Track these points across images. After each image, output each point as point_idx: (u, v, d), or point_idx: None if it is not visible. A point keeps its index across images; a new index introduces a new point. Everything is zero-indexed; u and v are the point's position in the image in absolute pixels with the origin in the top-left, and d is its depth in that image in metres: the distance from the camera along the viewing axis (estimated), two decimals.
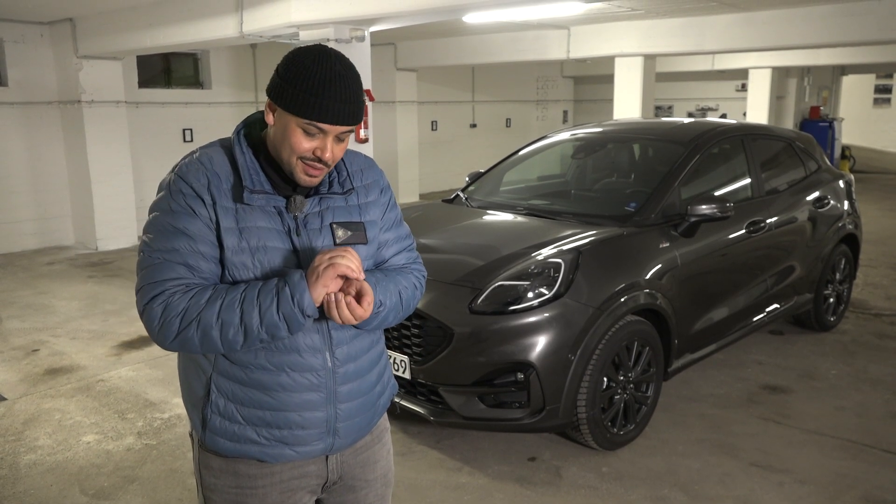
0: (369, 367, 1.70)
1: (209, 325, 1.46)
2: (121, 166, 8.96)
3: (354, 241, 1.63)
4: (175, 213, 1.52)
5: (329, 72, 1.47)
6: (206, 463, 1.66)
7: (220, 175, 1.55)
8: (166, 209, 1.53)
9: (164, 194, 1.56)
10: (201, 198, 1.52)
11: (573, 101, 17.58)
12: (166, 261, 1.50)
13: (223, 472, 1.64)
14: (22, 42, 8.55)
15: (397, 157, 12.35)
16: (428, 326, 3.38)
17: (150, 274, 1.51)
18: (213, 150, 1.60)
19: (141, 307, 1.51)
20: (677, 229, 3.90)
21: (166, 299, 1.48)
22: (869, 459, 3.53)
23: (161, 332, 1.49)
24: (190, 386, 1.65)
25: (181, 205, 1.52)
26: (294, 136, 1.50)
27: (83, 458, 3.61)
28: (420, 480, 3.35)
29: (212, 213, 1.53)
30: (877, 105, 18.44)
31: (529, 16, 8.35)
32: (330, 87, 1.47)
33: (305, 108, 1.47)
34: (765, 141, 5.01)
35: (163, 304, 1.48)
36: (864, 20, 7.77)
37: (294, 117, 1.49)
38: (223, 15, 6.59)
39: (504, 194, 4.86)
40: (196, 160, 1.57)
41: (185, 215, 1.52)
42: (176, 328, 1.48)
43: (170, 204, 1.53)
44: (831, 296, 5.34)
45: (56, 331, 5.65)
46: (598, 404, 3.41)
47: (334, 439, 1.64)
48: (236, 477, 1.63)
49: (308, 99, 1.47)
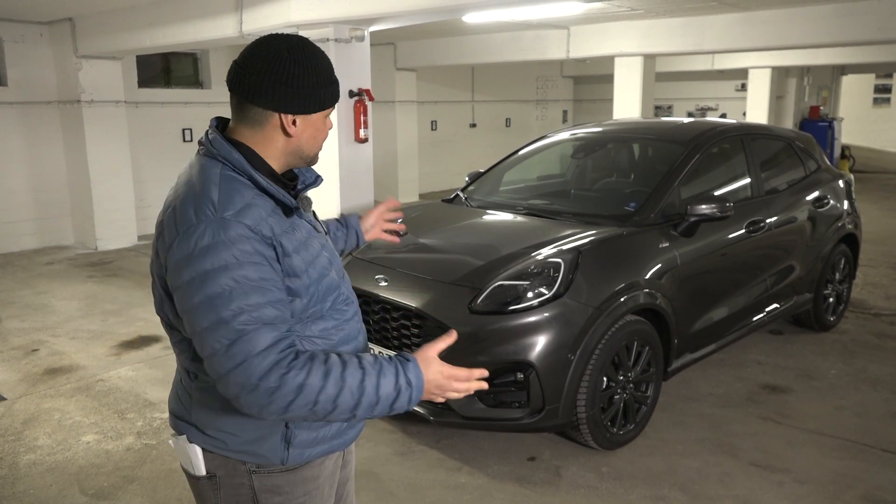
0: None
1: (321, 406, 1.38)
2: (120, 166, 8.95)
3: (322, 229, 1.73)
4: (242, 264, 1.38)
5: (315, 57, 1.53)
6: (269, 486, 1.59)
7: (260, 203, 1.46)
8: (229, 261, 1.37)
9: (220, 243, 1.37)
10: (263, 236, 1.43)
11: (573, 100, 17.57)
12: (262, 323, 1.37)
13: (291, 485, 1.60)
14: (21, 42, 8.54)
15: (397, 156, 12.35)
16: (427, 326, 3.38)
17: (248, 341, 1.35)
18: (234, 180, 1.47)
19: (255, 380, 1.34)
20: (677, 229, 3.90)
21: (283, 373, 1.35)
22: (868, 459, 3.53)
23: (270, 406, 1.36)
24: (246, 425, 1.55)
25: (247, 253, 1.39)
26: (325, 127, 1.58)
27: (83, 458, 3.61)
28: (419, 480, 3.35)
29: (277, 248, 1.45)
30: (876, 105, 18.45)
31: (529, 16, 8.35)
32: (329, 69, 1.54)
33: (329, 98, 1.55)
34: (764, 141, 5.01)
35: (280, 379, 1.35)
36: (863, 20, 7.77)
37: (322, 112, 1.56)
38: (222, 15, 6.59)
39: (504, 194, 4.86)
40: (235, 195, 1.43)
41: (253, 265, 1.39)
42: (284, 402, 1.36)
43: (233, 254, 1.38)
44: (831, 295, 5.34)
45: (55, 331, 5.65)
46: (597, 404, 3.41)
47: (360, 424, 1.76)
48: (304, 483, 1.63)
49: (327, 89, 1.54)
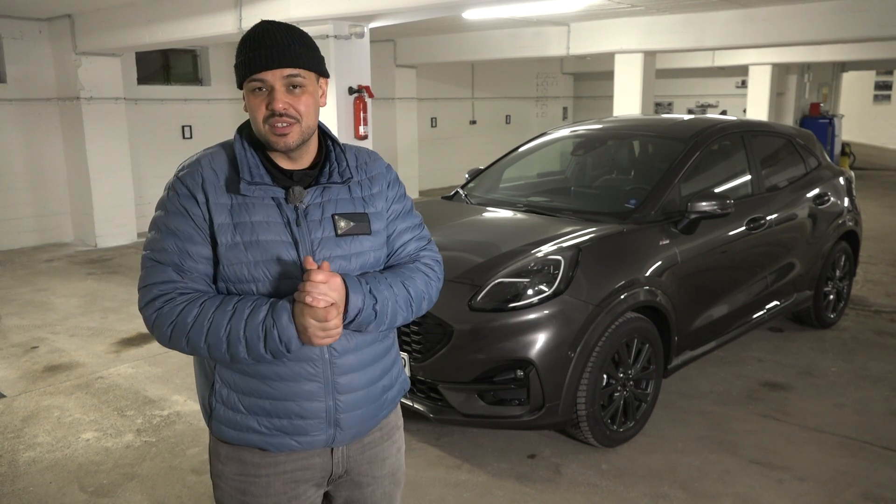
0: (373, 360, 1.69)
1: (197, 346, 1.53)
2: (120, 163, 8.95)
3: (357, 231, 1.64)
4: (169, 213, 1.59)
5: (254, 33, 1.56)
6: (216, 450, 1.71)
7: (218, 171, 1.60)
8: (163, 210, 1.61)
9: (164, 195, 1.63)
10: (195, 196, 1.57)
11: (573, 97, 17.56)
12: (157, 262, 1.57)
13: (230, 460, 1.68)
14: (20, 38, 8.53)
15: (397, 153, 12.33)
16: (427, 323, 3.38)
17: (144, 276, 1.59)
18: (213, 150, 1.65)
19: (139, 308, 1.60)
20: (677, 226, 3.89)
21: (158, 308, 1.55)
22: (868, 456, 3.53)
23: (156, 335, 1.58)
24: (200, 376, 1.72)
25: (175, 205, 1.58)
26: (250, 105, 1.56)
27: (82, 456, 3.61)
28: (420, 478, 3.35)
29: (205, 211, 1.57)
30: (877, 102, 18.43)
31: (529, 12, 8.34)
32: (254, 42, 1.54)
33: (243, 70, 1.54)
34: (765, 138, 5.00)
35: (155, 312, 1.55)
36: (864, 16, 7.76)
37: (245, 88, 1.55)
38: (222, 11, 6.58)
39: (504, 191, 4.85)
40: (195, 160, 1.63)
41: (177, 215, 1.57)
42: (167, 337, 1.55)
43: (166, 204, 1.60)
44: (831, 293, 5.34)
45: (55, 328, 5.65)
46: (597, 401, 3.41)
47: (336, 430, 1.64)
48: (241, 465, 1.67)
49: (242, 61, 1.54)
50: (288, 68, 1.53)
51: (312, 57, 1.58)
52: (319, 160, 1.66)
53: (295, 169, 1.62)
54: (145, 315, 1.57)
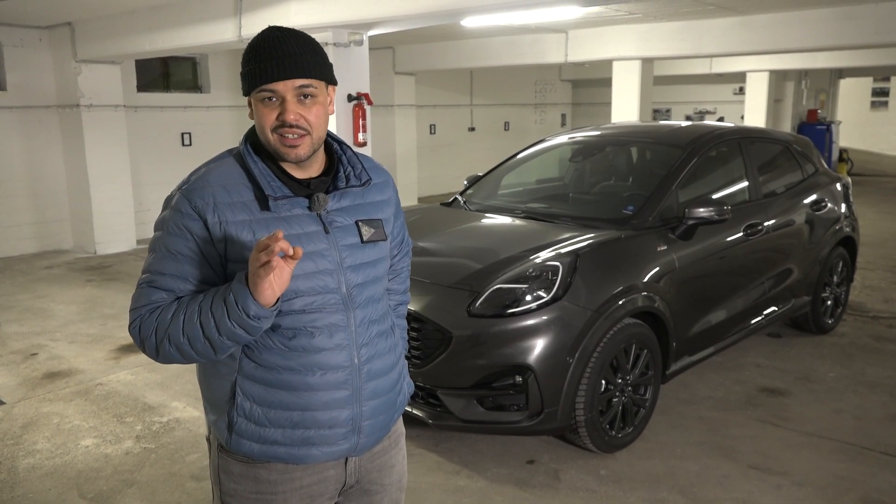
0: (391, 366, 1.71)
1: (179, 342, 1.48)
2: (119, 170, 8.96)
3: (377, 237, 1.64)
4: (170, 234, 1.54)
5: (263, 40, 1.51)
6: (227, 468, 1.64)
7: (230, 188, 1.54)
8: (163, 230, 1.55)
9: (165, 213, 1.57)
10: (203, 217, 1.51)
11: (571, 104, 17.60)
12: (151, 286, 1.54)
13: (244, 478, 1.63)
14: (21, 46, 8.55)
15: (396, 160, 12.34)
16: (426, 329, 3.39)
17: (136, 297, 1.56)
18: (222, 164, 1.58)
19: (128, 329, 1.58)
20: (675, 232, 3.91)
21: (140, 322, 1.53)
22: (867, 462, 3.54)
23: (146, 349, 1.54)
24: (212, 389, 1.65)
25: (177, 225, 1.53)
26: (258, 114, 1.52)
27: (82, 462, 3.61)
28: (419, 483, 3.35)
29: (216, 231, 1.51)
30: (874, 108, 18.47)
31: (527, 20, 8.36)
32: (264, 51, 1.50)
33: (252, 80, 1.50)
34: (762, 144, 5.02)
35: (137, 326, 1.53)
36: (861, 23, 7.79)
37: (253, 97, 1.52)
38: (222, 19, 6.61)
39: (502, 198, 4.86)
40: (202, 176, 1.56)
41: (177, 237, 1.53)
42: (154, 346, 1.51)
43: (167, 224, 1.55)
44: (829, 298, 5.35)
45: (54, 335, 5.65)
46: (596, 407, 3.41)
47: (359, 438, 1.64)
48: (257, 483, 1.62)
49: (252, 70, 1.50)
50: (300, 79, 1.50)
51: (323, 65, 1.55)
52: (329, 166, 1.65)
53: (307, 178, 1.60)
54: (132, 334, 1.54)
